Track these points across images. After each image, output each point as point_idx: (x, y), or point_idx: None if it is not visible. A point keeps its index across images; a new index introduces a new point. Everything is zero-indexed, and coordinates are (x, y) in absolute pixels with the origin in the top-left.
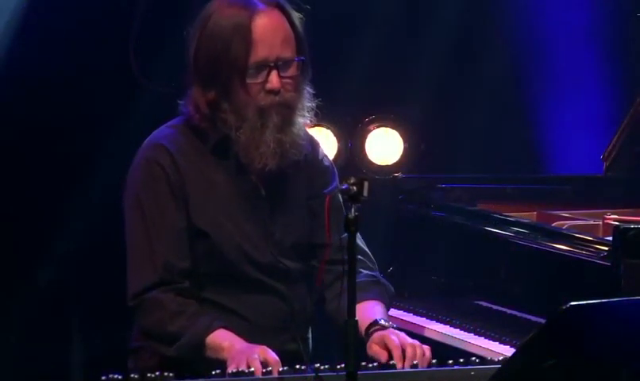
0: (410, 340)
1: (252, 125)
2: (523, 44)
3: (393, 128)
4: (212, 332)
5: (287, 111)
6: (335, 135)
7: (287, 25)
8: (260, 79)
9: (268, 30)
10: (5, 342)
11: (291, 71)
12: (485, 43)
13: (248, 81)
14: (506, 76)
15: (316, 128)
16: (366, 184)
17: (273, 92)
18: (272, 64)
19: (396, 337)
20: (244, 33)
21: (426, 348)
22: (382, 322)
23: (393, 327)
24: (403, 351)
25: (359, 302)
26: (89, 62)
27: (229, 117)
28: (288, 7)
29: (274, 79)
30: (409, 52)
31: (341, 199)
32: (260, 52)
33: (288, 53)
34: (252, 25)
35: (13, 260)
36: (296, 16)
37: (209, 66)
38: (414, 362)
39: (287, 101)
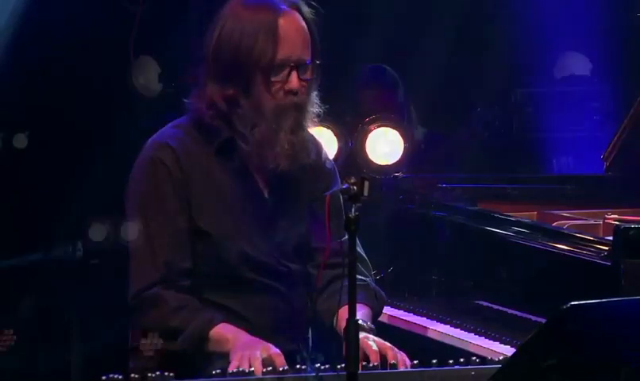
0: (389, 345)
1: (269, 125)
2: (523, 44)
3: (393, 128)
4: (215, 325)
5: (300, 113)
6: (335, 135)
7: (305, 27)
8: (280, 78)
9: (291, 30)
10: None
11: (308, 73)
12: (485, 42)
13: (271, 79)
14: (505, 76)
15: (316, 127)
16: (367, 184)
17: (292, 92)
18: (293, 65)
19: (374, 343)
20: (272, 31)
21: (406, 358)
22: (359, 323)
23: (373, 330)
24: (383, 355)
25: (343, 305)
26: (89, 62)
27: (247, 113)
28: (306, 10)
29: (294, 79)
30: (409, 52)
31: (341, 202)
32: (283, 51)
33: (307, 55)
34: (279, 23)
35: (14, 260)
36: (312, 19)
37: (230, 62)
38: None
39: (302, 103)
